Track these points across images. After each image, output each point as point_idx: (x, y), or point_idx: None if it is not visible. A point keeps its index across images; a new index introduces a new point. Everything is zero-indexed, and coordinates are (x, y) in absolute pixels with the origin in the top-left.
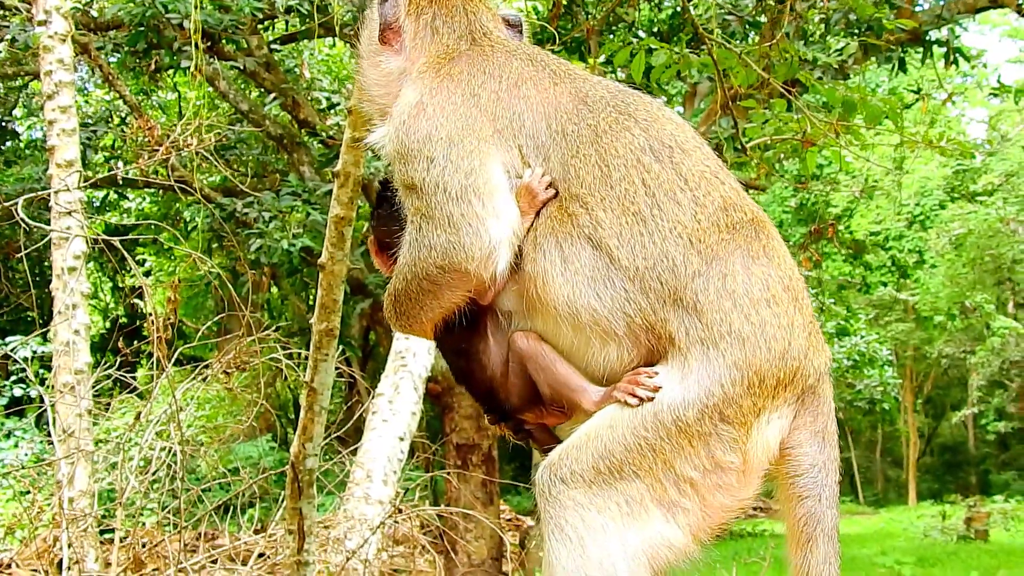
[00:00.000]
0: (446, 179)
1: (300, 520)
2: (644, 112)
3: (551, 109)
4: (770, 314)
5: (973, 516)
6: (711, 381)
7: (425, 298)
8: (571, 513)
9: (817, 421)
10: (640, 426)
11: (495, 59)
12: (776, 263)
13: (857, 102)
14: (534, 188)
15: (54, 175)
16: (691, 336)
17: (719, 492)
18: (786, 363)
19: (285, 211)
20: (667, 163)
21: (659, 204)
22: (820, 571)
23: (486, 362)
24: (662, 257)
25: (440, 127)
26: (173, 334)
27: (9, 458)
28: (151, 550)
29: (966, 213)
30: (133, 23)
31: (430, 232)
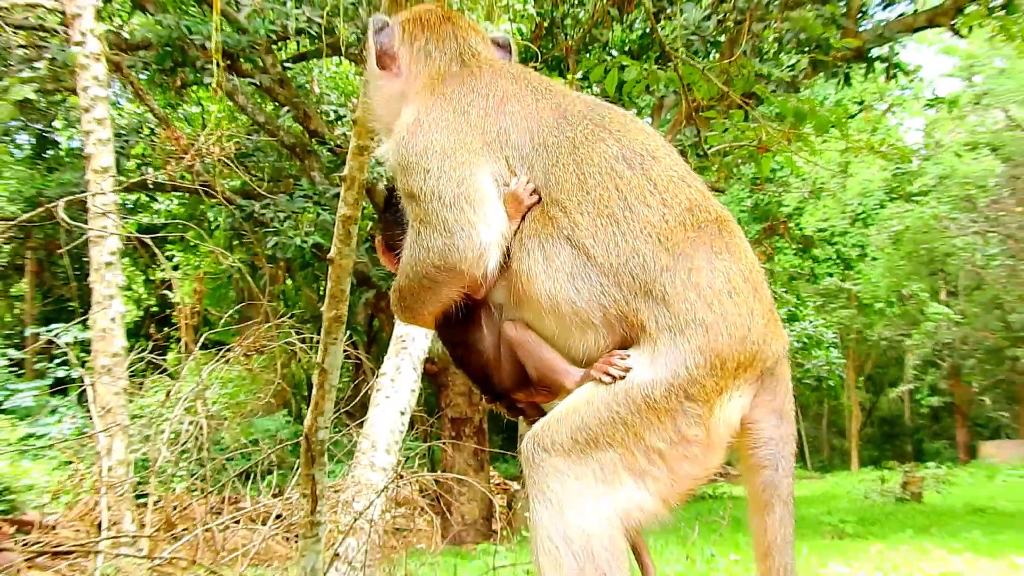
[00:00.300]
0: (441, 188)
1: (313, 485)
2: (618, 124)
3: (534, 123)
4: (731, 304)
5: (908, 480)
6: (677, 363)
7: (425, 294)
8: (552, 478)
9: (775, 399)
10: (613, 402)
11: (483, 78)
12: (737, 258)
13: (807, 112)
14: (519, 195)
15: (91, 180)
16: (660, 324)
17: (685, 462)
18: (746, 347)
19: (298, 212)
20: (638, 170)
21: (631, 207)
22: (776, 532)
23: (481, 349)
24: (634, 254)
25: (435, 142)
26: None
27: (54, 432)
28: (181, 512)
29: (903, 212)
30: (160, 44)
31: (428, 236)
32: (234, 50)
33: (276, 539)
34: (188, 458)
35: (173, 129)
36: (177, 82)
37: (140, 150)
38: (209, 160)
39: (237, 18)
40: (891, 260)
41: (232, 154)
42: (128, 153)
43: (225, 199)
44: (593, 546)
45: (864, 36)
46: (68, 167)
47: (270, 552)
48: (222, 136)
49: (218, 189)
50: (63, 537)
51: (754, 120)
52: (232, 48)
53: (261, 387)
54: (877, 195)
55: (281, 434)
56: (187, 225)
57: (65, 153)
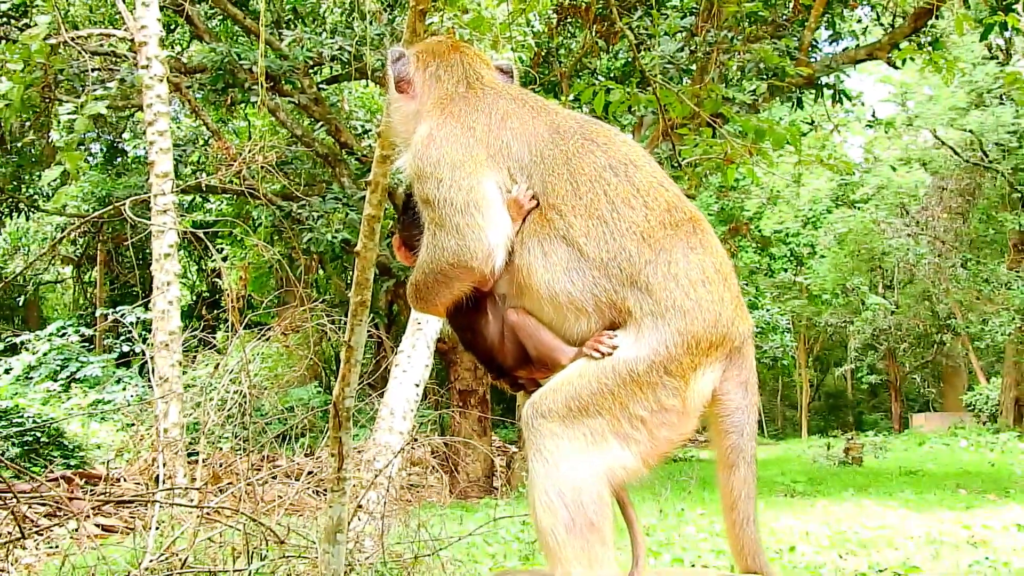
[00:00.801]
0: (452, 196)
1: (340, 446)
2: (604, 137)
3: (532, 138)
4: (705, 292)
5: (850, 447)
6: (658, 343)
7: (439, 287)
8: (548, 440)
9: (742, 374)
10: (602, 375)
11: (486, 99)
12: (709, 251)
13: (766, 130)
14: (520, 200)
15: (153, 183)
16: (644, 309)
17: (664, 428)
18: (717, 329)
19: (329, 212)
20: (623, 177)
21: (617, 209)
22: (740, 489)
23: (486, 334)
24: (621, 250)
25: (446, 154)
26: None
27: (119, 398)
28: (226, 469)
29: (847, 216)
30: (214, 67)
31: (443, 238)
32: (277, 73)
33: (307, 492)
34: (233, 422)
35: (224, 140)
36: (228, 100)
37: (195, 158)
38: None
39: (280, 46)
40: (836, 258)
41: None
42: (185, 160)
43: (267, 200)
44: (583, 499)
45: (814, 66)
46: (134, 172)
47: (302, 503)
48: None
49: (261, 192)
50: (125, 489)
51: (721, 136)
52: (275, 72)
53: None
54: (825, 202)
55: (313, 402)
56: (234, 222)
57: (131, 160)
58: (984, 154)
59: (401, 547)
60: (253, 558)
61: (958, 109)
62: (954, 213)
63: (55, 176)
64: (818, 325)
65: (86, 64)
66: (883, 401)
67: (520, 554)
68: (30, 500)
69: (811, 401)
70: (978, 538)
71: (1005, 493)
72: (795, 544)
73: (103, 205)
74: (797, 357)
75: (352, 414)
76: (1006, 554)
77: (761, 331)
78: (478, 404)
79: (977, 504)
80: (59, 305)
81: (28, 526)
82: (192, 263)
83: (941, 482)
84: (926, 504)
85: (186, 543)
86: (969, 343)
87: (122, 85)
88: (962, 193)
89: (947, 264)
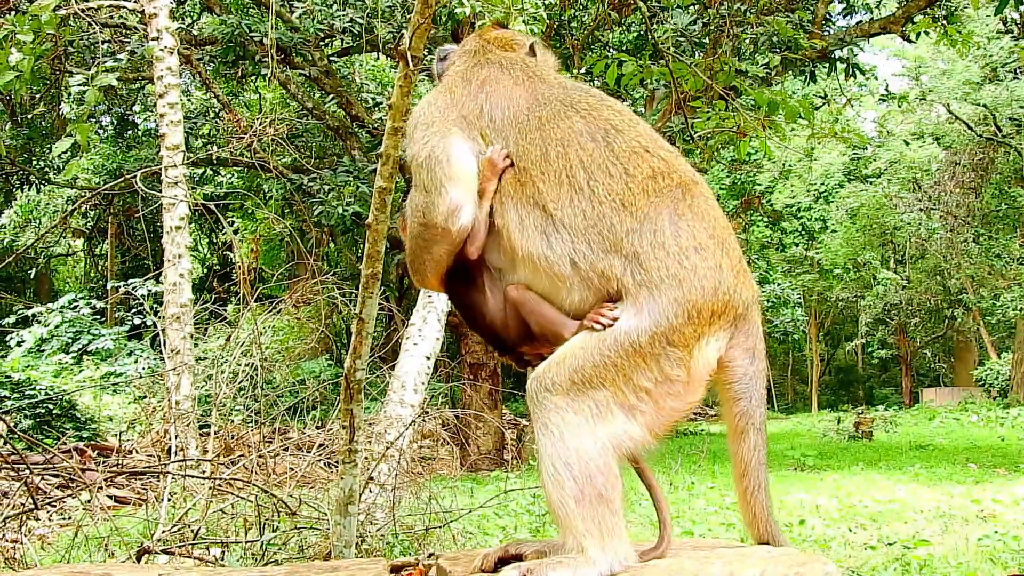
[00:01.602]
0: (419, 151)
1: (351, 418)
2: (586, 104)
3: (508, 102)
4: (699, 259)
5: (861, 421)
6: (658, 314)
7: (421, 253)
8: (553, 414)
9: (748, 340)
10: (605, 347)
11: (475, 69)
12: (700, 217)
13: (779, 103)
14: (493, 159)
15: (164, 156)
16: (637, 280)
17: (669, 398)
18: (718, 297)
19: (340, 185)
20: (601, 143)
21: (593, 176)
22: (750, 456)
23: (486, 310)
24: (599, 218)
25: (423, 116)
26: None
27: (130, 371)
28: (237, 441)
29: (859, 191)
30: (224, 40)
31: (413, 196)
32: (287, 46)
33: (319, 464)
34: (244, 394)
35: (234, 113)
36: (238, 73)
37: (206, 130)
38: (265, 140)
39: (290, 18)
40: (848, 232)
41: (284, 135)
42: (196, 133)
43: (278, 173)
44: (591, 470)
45: (828, 40)
46: (144, 145)
47: (314, 475)
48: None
49: (272, 164)
50: (137, 461)
51: (734, 109)
52: (286, 44)
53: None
54: (837, 176)
55: (324, 375)
56: (246, 195)
57: (142, 133)
58: (998, 128)
59: (412, 519)
60: (265, 529)
61: (972, 83)
62: (967, 188)
63: (66, 148)
64: (829, 300)
65: (96, 36)
66: (893, 376)
67: (530, 526)
68: (43, 472)
69: (822, 375)
70: (988, 512)
71: (1015, 468)
72: (805, 517)
73: (114, 178)
74: (808, 332)
75: (363, 386)
76: (1016, 528)
77: (772, 305)
78: (489, 377)
79: (987, 478)
80: (70, 278)
81: (41, 497)
82: (203, 236)
83: (951, 456)
84: (936, 478)
85: (198, 514)
86: (980, 318)
87: (132, 57)
88: (975, 168)
89: (959, 239)
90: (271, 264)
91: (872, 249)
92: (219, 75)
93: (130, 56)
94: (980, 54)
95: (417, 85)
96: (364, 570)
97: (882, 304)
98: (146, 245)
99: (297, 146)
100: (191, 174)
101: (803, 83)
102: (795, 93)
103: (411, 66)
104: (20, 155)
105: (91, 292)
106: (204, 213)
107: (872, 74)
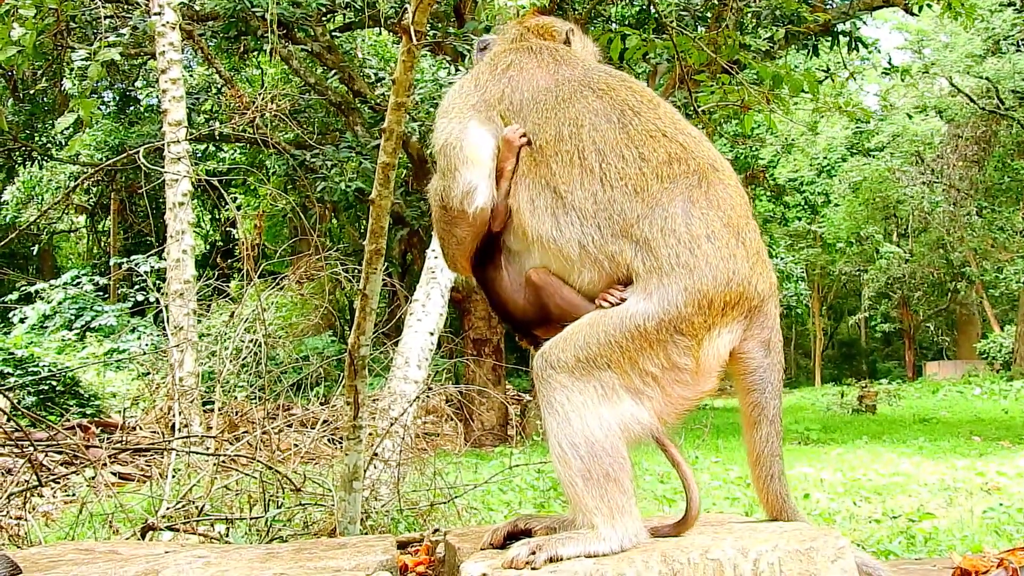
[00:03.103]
0: (439, 139)
1: (355, 395)
2: (603, 84)
3: (528, 85)
4: (711, 247)
5: (864, 394)
6: (667, 302)
7: (447, 237)
8: (558, 392)
9: (763, 333)
10: (612, 328)
11: (504, 56)
12: (716, 205)
13: (783, 77)
14: (509, 138)
15: (167, 131)
16: (647, 266)
17: (677, 385)
18: (731, 288)
19: (343, 160)
20: (616, 125)
21: (606, 159)
22: (763, 446)
23: (501, 289)
24: (609, 202)
25: (445, 104)
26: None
27: (134, 347)
28: (241, 417)
29: (862, 165)
30: (226, 15)
31: (435, 182)
32: (289, 21)
33: (323, 441)
34: (248, 371)
35: (236, 89)
36: (240, 48)
37: (208, 106)
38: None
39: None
40: (851, 206)
41: (287, 110)
42: (198, 109)
43: (281, 149)
44: (596, 451)
45: (830, 13)
46: (147, 120)
47: (318, 451)
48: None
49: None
50: (141, 437)
51: (738, 83)
52: (288, 19)
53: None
54: (840, 150)
55: (327, 351)
56: (248, 171)
57: (144, 108)
58: (1000, 101)
59: (417, 495)
60: (269, 506)
61: (974, 56)
62: (969, 161)
63: (69, 124)
64: (832, 274)
65: (98, 11)
66: (897, 349)
67: (535, 502)
68: (47, 448)
69: (825, 349)
70: (992, 485)
71: (1019, 440)
72: (809, 491)
73: (116, 154)
74: (811, 306)
75: (367, 363)
76: (1020, 500)
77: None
78: (492, 353)
79: (991, 451)
80: (73, 254)
81: (45, 474)
82: (206, 212)
83: (955, 429)
84: (940, 451)
85: (202, 491)
86: (983, 291)
87: (134, 32)
88: (978, 141)
89: (962, 212)
90: (274, 240)
91: (875, 223)
92: (221, 50)
93: (132, 31)
94: (983, 26)
95: (420, 60)
96: (371, 546)
97: (885, 278)
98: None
99: (299, 122)
100: (193, 150)
101: (806, 57)
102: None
103: (414, 41)
104: (22, 131)
105: (94, 269)
106: (207, 189)
107: (875, 47)
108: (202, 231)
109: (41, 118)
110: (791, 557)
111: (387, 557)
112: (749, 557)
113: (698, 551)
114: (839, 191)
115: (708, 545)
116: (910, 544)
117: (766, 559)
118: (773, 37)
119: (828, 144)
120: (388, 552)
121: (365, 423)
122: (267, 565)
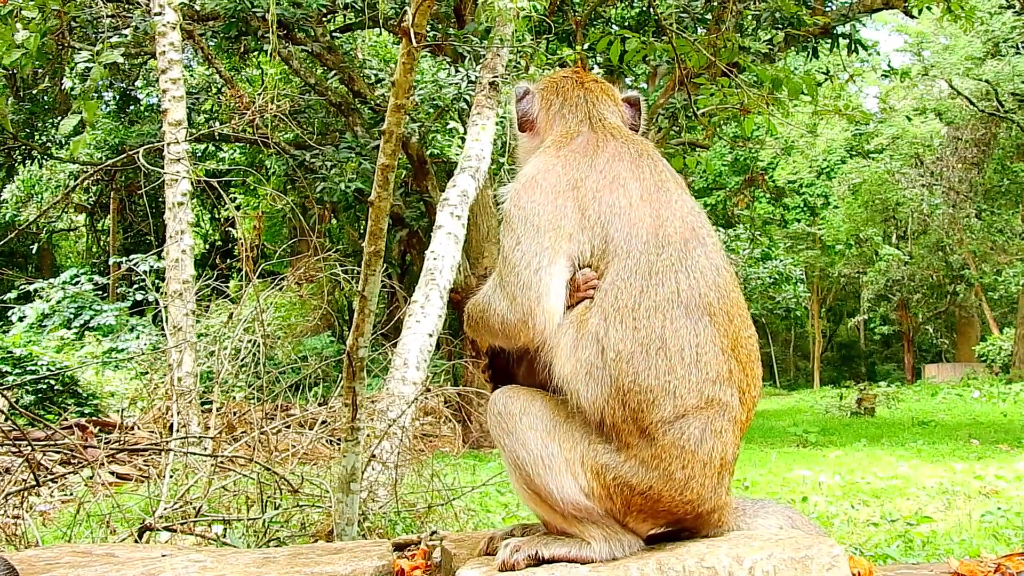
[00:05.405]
0: (521, 263)
1: (353, 396)
2: (699, 261)
3: (629, 225)
4: (701, 471)
5: (863, 397)
6: (630, 477)
7: (483, 331)
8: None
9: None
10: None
11: (603, 153)
12: (736, 432)
13: (782, 80)
14: (580, 283)
15: (166, 131)
16: (638, 448)
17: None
18: (682, 508)
19: (343, 161)
20: (689, 323)
21: (665, 350)
22: None
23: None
24: (646, 391)
25: (536, 213)
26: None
27: (132, 347)
28: (240, 418)
29: (861, 167)
30: (226, 15)
31: (498, 296)
32: (290, 21)
33: (321, 442)
34: (246, 371)
35: (236, 89)
36: (241, 48)
37: (208, 106)
38: (267, 116)
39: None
40: (850, 208)
41: (287, 111)
42: (198, 109)
43: (280, 149)
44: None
45: (830, 15)
46: (147, 120)
47: (316, 453)
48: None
49: (274, 141)
50: (139, 437)
51: (737, 86)
52: (288, 20)
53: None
54: (839, 152)
55: (326, 352)
56: (248, 171)
57: (144, 108)
58: (1000, 104)
59: (414, 497)
60: (267, 507)
61: (974, 59)
62: (969, 163)
63: (73, 125)
64: (831, 276)
65: (99, 11)
66: (896, 352)
67: None
68: (44, 448)
69: (824, 352)
70: (990, 488)
71: (1017, 443)
72: (807, 494)
73: (116, 153)
74: (810, 308)
75: (366, 364)
76: (1019, 504)
77: (774, 282)
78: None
79: (989, 454)
80: (72, 253)
81: (43, 474)
82: (205, 212)
83: (953, 432)
84: (938, 454)
85: (200, 492)
86: (982, 293)
87: (135, 33)
88: (977, 143)
89: (961, 214)
90: (273, 241)
91: (874, 225)
92: (221, 51)
93: (133, 32)
94: (982, 29)
95: (420, 61)
96: (367, 551)
97: (884, 280)
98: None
99: (299, 122)
100: (193, 150)
101: (805, 59)
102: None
103: (414, 43)
104: (23, 130)
105: (93, 268)
106: (206, 189)
107: (874, 50)
108: (201, 231)
109: (41, 117)
110: (786, 565)
111: (383, 562)
112: (744, 565)
113: (694, 559)
114: (838, 193)
115: (703, 553)
116: (908, 548)
117: (761, 567)
118: (772, 40)
119: (827, 146)
120: (384, 557)
121: (363, 424)
122: (263, 570)
